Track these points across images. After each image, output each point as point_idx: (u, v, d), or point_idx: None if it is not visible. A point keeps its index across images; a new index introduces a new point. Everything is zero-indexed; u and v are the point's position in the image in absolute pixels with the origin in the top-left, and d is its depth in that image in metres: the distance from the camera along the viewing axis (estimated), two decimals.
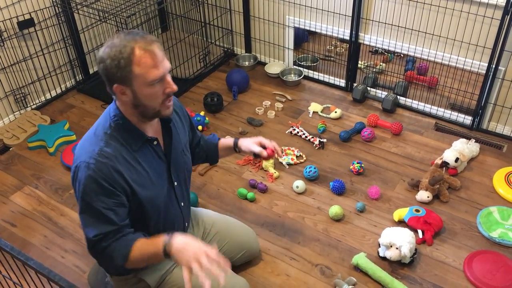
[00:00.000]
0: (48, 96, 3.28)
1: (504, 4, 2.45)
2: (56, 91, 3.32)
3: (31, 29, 3.00)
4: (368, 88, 3.17)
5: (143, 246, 1.51)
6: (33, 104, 3.21)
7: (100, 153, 1.47)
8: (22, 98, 3.12)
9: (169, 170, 1.67)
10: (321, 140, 2.80)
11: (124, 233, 1.53)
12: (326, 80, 3.35)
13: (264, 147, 1.86)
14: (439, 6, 2.67)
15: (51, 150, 2.82)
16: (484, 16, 2.56)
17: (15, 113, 3.12)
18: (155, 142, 1.61)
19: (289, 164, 2.68)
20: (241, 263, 2.09)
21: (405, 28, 2.84)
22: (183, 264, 1.41)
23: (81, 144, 1.55)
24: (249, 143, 1.86)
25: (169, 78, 1.48)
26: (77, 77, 3.37)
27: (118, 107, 1.54)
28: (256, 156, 1.86)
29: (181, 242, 1.45)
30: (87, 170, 1.45)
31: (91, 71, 3.46)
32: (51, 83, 3.27)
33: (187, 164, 1.78)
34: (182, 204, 1.77)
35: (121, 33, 1.45)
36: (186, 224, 1.84)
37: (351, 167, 2.61)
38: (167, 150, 1.66)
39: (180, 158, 1.73)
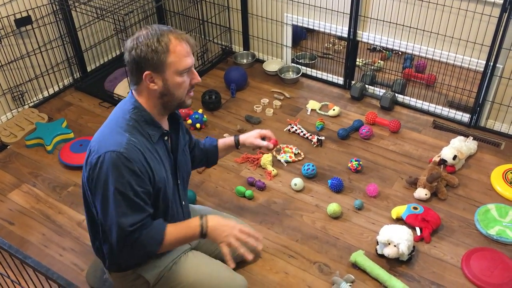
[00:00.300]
0: (45, 94, 3.27)
1: (502, 1, 2.45)
2: (53, 89, 3.31)
3: (28, 27, 2.99)
4: (366, 86, 3.17)
5: (176, 230, 1.59)
6: (31, 102, 3.20)
7: (129, 142, 1.49)
8: (20, 96, 3.11)
9: (175, 168, 1.70)
10: (319, 137, 2.80)
11: (150, 220, 1.57)
12: (324, 77, 3.35)
13: (263, 138, 1.98)
14: (437, 4, 2.67)
15: (49, 148, 2.81)
16: (482, 14, 2.56)
17: (12, 111, 3.11)
18: (166, 138, 1.64)
19: (287, 162, 2.68)
20: (240, 261, 2.09)
21: (403, 25, 2.84)
22: (221, 240, 1.57)
23: (102, 135, 1.54)
24: (252, 139, 1.97)
25: (194, 70, 1.57)
26: (75, 75, 3.36)
27: (137, 100, 1.56)
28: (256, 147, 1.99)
29: (216, 221, 1.60)
30: (119, 160, 1.46)
31: (88, 69, 3.45)
32: (48, 81, 3.26)
33: (187, 164, 1.81)
34: (184, 203, 1.79)
35: (152, 25, 1.53)
36: None
37: (349, 164, 2.61)
38: (173, 147, 1.70)
39: (183, 157, 1.76)
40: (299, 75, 3.35)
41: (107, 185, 1.48)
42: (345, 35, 3.07)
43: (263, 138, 2.00)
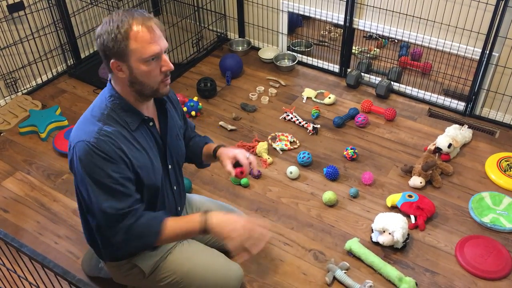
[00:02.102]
0: (39, 80, 3.24)
1: None
2: (47, 75, 3.28)
3: (21, 13, 2.95)
4: (362, 74, 3.17)
5: (176, 223, 1.56)
6: (24, 89, 3.17)
7: (100, 132, 1.46)
8: (13, 82, 3.08)
9: (164, 153, 1.67)
10: (315, 126, 2.79)
11: (143, 208, 1.54)
12: (320, 65, 3.33)
13: (239, 164, 1.74)
14: None
15: (43, 135, 2.80)
16: (478, 2, 2.55)
17: (5, 98, 3.09)
18: (151, 123, 1.60)
19: (282, 150, 2.68)
20: None
21: (399, 13, 2.83)
22: (225, 236, 1.50)
23: (77, 126, 1.53)
24: (224, 158, 1.75)
25: (165, 56, 1.48)
26: (69, 62, 3.33)
27: (114, 87, 1.53)
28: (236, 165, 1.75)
29: (221, 217, 1.54)
30: (89, 148, 1.43)
31: (82, 56, 3.42)
32: (42, 68, 3.23)
33: (181, 149, 1.77)
34: (175, 187, 1.76)
35: (119, 10, 1.46)
36: (179, 208, 1.83)
37: (345, 153, 2.61)
38: (162, 132, 1.66)
39: (175, 142, 1.72)
40: (295, 62, 3.34)
41: (84, 175, 1.46)
42: (341, 23, 3.05)
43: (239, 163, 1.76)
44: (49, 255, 2.12)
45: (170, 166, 1.71)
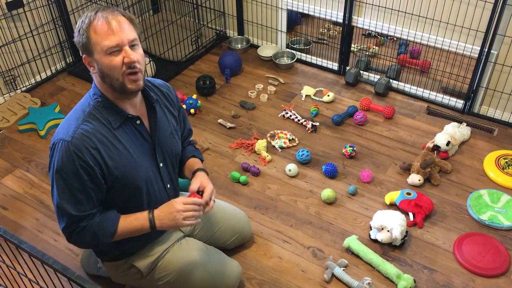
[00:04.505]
0: (38, 78, 3.24)
1: None
2: (46, 73, 3.28)
3: (20, 10, 2.95)
4: (361, 72, 3.17)
5: (127, 222, 1.59)
6: (23, 87, 3.17)
7: (76, 130, 1.48)
8: (12, 80, 3.08)
9: (154, 151, 1.66)
10: (314, 123, 2.80)
11: (100, 210, 1.58)
12: (319, 63, 3.33)
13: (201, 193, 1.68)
14: None
15: (42, 133, 2.80)
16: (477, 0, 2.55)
17: (4, 96, 3.09)
18: (138, 121, 1.59)
19: (281, 148, 2.69)
20: (234, 247, 2.10)
21: (398, 11, 2.83)
22: (173, 227, 1.61)
23: (61, 123, 1.56)
24: (196, 179, 1.71)
25: (128, 48, 1.45)
26: (68, 59, 3.33)
27: (97, 85, 1.55)
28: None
29: (159, 212, 1.60)
30: (64, 148, 1.46)
31: (81, 53, 3.41)
32: (41, 65, 3.23)
33: (175, 147, 1.75)
34: (169, 186, 1.75)
35: (95, 7, 1.50)
36: None
37: (344, 150, 2.62)
38: (152, 131, 1.65)
39: (168, 140, 1.70)
40: (294, 60, 3.34)
41: (54, 171, 1.49)
42: (340, 21, 3.05)
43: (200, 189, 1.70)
44: (48, 253, 2.12)
45: (161, 164, 1.69)
